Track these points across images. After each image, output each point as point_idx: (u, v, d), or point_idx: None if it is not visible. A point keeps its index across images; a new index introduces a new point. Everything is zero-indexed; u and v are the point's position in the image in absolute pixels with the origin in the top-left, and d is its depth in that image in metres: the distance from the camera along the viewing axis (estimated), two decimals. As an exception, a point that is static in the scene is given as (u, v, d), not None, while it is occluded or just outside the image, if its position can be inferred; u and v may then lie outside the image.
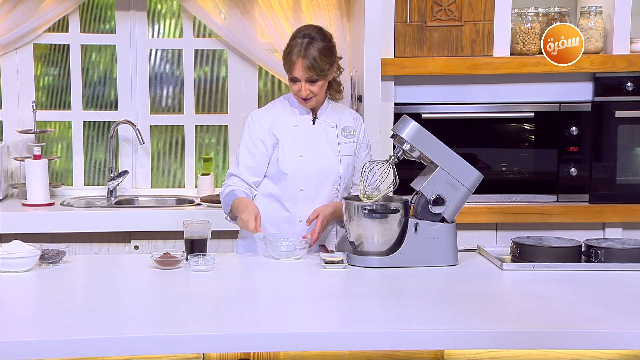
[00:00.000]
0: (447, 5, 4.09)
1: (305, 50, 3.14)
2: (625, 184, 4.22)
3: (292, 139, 3.27)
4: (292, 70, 3.17)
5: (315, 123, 3.30)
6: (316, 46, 3.15)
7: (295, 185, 3.25)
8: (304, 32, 3.20)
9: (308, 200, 3.25)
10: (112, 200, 4.45)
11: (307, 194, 3.25)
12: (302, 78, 3.16)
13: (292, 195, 3.26)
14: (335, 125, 3.31)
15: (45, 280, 2.81)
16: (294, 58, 3.15)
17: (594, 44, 4.12)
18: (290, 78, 3.20)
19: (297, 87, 3.20)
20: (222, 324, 2.36)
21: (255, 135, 3.28)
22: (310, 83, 3.18)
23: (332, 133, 3.30)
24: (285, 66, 3.20)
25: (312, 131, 3.29)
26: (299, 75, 3.16)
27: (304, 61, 3.13)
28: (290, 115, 3.30)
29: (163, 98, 4.69)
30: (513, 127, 4.29)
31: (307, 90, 3.18)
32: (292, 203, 3.27)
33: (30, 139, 4.45)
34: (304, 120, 3.30)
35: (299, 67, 3.15)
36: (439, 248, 3.01)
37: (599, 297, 2.67)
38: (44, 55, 4.60)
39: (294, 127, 3.28)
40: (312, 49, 3.14)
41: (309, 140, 3.27)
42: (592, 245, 3.04)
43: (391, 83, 4.14)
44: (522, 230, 3.99)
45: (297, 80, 3.18)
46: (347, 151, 3.30)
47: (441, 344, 2.35)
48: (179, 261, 2.95)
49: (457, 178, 3.03)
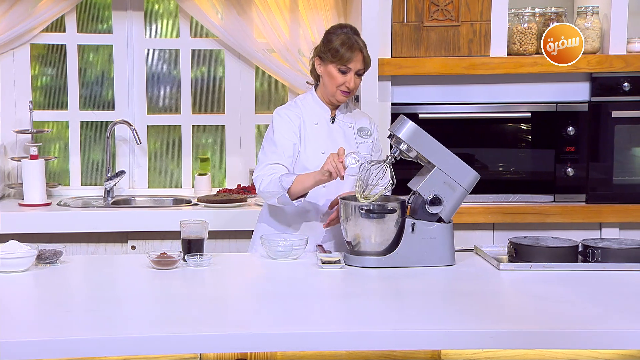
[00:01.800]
0: (444, 5, 4.09)
1: (364, 44, 3.24)
2: (622, 184, 4.23)
3: (314, 136, 3.30)
4: (350, 61, 3.20)
5: (334, 122, 3.33)
6: (364, 42, 3.26)
7: None
8: (348, 27, 3.28)
9: (330, 197, 3.27)
10: (109, 201, 4.44)
11: (329, 190, 3.27)
12: (355, 70, 3.22)
13: (314, 192, 3.26)
14: (352, 125, 3.36)
15: (42, 281, 2.81)
16: (355, 49, 3.20)
17: (591, 44, 4.13)
18: (339, 69, 3.22)
19: (344, 78, 3.23)
20: (219, 324, 2.36)
21: (287, 126, 3.28)
22: (357, 76, 3.25)
23: (349, 133, 3.34)
24: (337, 57, 3.20)
25: (332, 130, 3.33)
26: (355, 66, 3.22)
27: (364, 52, 3.22)
28: (311, 113, 3.33)
29: (160, 98, 4.69)
30: (510, 127, 4.29)
31: (354, 82, 3.23)
32: (314, 200, 3.28)
33: (27, 139, 4.45)
34: (323, 119, 3.34)
35: (359, 59, 3.21)
36: (436, 248, 3.01)
37: (596, 297, 2.67)
38: (41, 55, 4.60)
39: (314, 124, 3.31)
40: (364, 44, 3.25)
41: (329, 138, 3.30)
42: (589, 245, 3.05)
43: (388, 83, 4.14)
44: (519, 230, 3.99)
45: (347, 72, 3.22)
46: (364, 150, 3.33)
47: (438, 344, 2.35)
48: (176, 261, 2.95)
49: (454, 178, 3.03)
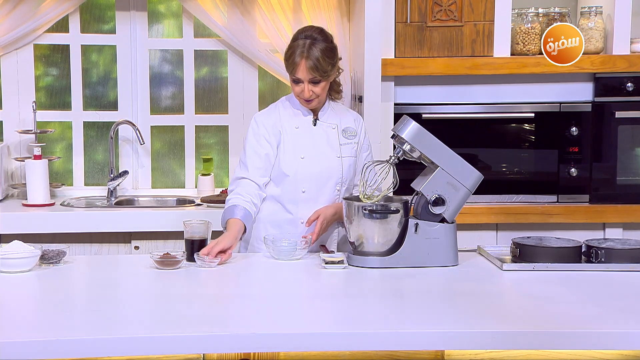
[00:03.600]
0: (448, 5, 4.09)
1: (309, 52, 3.13)
2: (626, 184, 4.22)
3: (293, 140, 3.27)
4: (295, 71, 3.16)
5: (317, 124, 3.30)
6: (319, 47, 3.15)
7: (297, 186, 3.25)
8: (305, 33, 3.20)
9: (310, 202, 3.26)
10: (113, 201, 4.45)
11: (309, 196, 3.26)
12: (305, 79, 3.16)
13: (293, 197, 3.26)
14: (336, 126, 3.32)
15: (46, 281, 2.81)
16: (297, 59, 3.14)
17: (594, 44, 4.12)
18: (292, 79, 3.20)
19: (299, 88, 3.19)
20: (222, 324, 2.36)
21: (260, 136, 3.27)
22: (313, 84, 3.17)
23: (333, 134, 3.30)
24: (288, 68, 3.20)
25: (313, 132, 3.29)
26: (302, 76, 3.16)
27: (307, 62, 3.13)
28: (292, 116, 3.30)
29: (163, 98, 4.69)
30: (513, 127, 4.28)
31: (310, 92, 3.18)
32: (293, 205, 3.27)
33: (31, 139, 4.45)
34: (305, 121, 3.30)
35: (303, 69, 3.14)
36: (439, 248, 3.01)
37: (599, 298, 2.67)
38: (45, 55, 4.60)
39: (295, 128, 3.28)
40: (315, 50, 3.14)
41: (310, 142, 3.27)
42: (593, 246, 3.04)
43: (391, 83, 4.14)
44: (522, 230, 3.99)
45: (300, 82, 3.18)
46: (348, 152, 3.30)
47: (441, 344, 2.35)
48: (179, 261, 2.95)
49: (457, 178, 3.03)
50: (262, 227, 3.32)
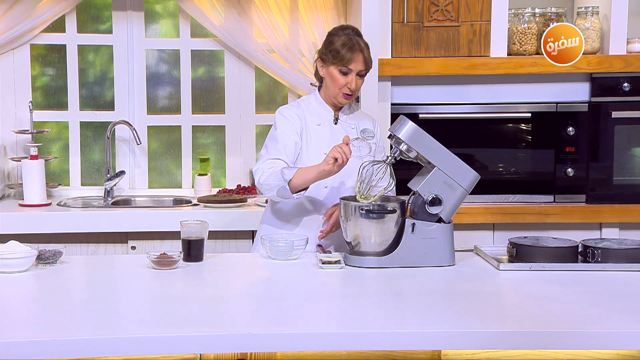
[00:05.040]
0: (444, 5, 4.09)
1: (365, 44, 3.22)
2: (622, 184, 4.23)
3: (316, 137, 3.30)
4: (351, 62, 3.19)
5: (337, 123, 3.33)
6: (365, 42, 3.24)
7: (320, 182, 3.25)
8: (350, 28, 3.27)
9: (331, 198, 3.28)
10: (109, 201, 4.44)
11: (331, 192, 3.27)
12: (356, 71, 3.21)
13: (316, 193, 3.27)
14: (355, 126, 3.35)
15: (42, 281, 2.81)
16: (355, 50, 3.19)
17: (591, 45, 4.13)
18: (341, 71, 3.21)
19: (345, 80, 3.22)
20: (219, 324, 2.36)
21: (289, 126, 3.28)
22: (359, 77, 3.23)
23: (352, 134, 3.33)
24: (337, 58, 3.20)
25: (334, 131, 3.32)
26: (356, 67, 3.20)
27: (364, 53, 3.20)
28: (314, 114, 3.33)
29: (160, 98, 4.69)
30: (510, 127, 4.29)
31: (355, 83, 3.22)
32: (316, 200, 3.28)
33: (27, 139, 4.45)
34: (326, 119, 3.33)
35: (360, 60, 3.19)
36: (436, 248, 3.01)
37: (596, 298, 2.67)
38: (41, 55, 4.60)
39: (317, 125, 3.31)
40: (366, 45, 3.23)
41: (332, 139, 3.29)
42: (589, 246, 3.05)
43: (388, 83, 4.14)
44: (519, 230, 4.00)
45: (349, 73, 3.21)
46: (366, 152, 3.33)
47: (438, 344, 2.35)
48: (176, 261, 2.95)
49: (454, 178, 3.03)
50: (282, 224, 3.32)
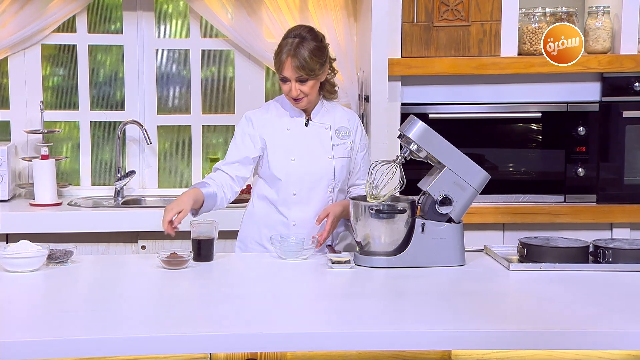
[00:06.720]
0: (454, 5, 4.08)
1: (295, 50, 3.14)
2: (633, 184, 4.21)
3: (284, 142, 3.27)
4: (282, 69, 3.17)
5: (309, 125, 3.30)
6: (307, 46, 3.15)
7: (288, 189, 3.25)
8: (294, 32, 3.21)
9: (301, 204, 3.26)
10: (120, 200, 4.45)
11: (300, 198, 3.26)
12: (292, 78, 3.17)
13: (285, 199, 3.27)
14: (329, 126, 3.31)
15: (53, 280, 2.82)
16: (283, 57, 3.16)
17: (602, 44, 4.11)
18: (280, 78, 3.21)
19: (287, 87, 3.20)
20: (229, 324, 2.36)
21: (245, 133, 3.30)
22: (301, 83, 3.18)
23: (325, 135, 3.29)
24: (276, 66, 3.21)
25: (305, 134, 3.29)
26: (288, 74, 3.17)
27: (293, 60, 3.14)
28: (283, 117, 3.30)
29: (170, 98, 4.70)
30: (520, 127, 4.28)
31: (297, 90, 3.18)
32: (285, 207, 3.27)
33: (38, 139, 4.46)
34: (297, 122, 3.30)
35: (289, 67, 3.15)
36: (446, 248, 3.01)
37: (607, 298, 2.66)
38: (52, 55, 4.61)
39: (286, 130, 3.28)
40: (303, 49, 3.14)
41: (301, 144, 3.27)
42: (600, 246, 3.04)
43: (398, 83, 4.14)
44: (529, 230, 3.98)
45: (288, 80, 3.19)
46: (341, 153, 3.30)
47: (448, 344, 2.35)
48: (186, 261, 2.96)
49: (464, 178, 3.03)
50: (256, 228, 3.33)
